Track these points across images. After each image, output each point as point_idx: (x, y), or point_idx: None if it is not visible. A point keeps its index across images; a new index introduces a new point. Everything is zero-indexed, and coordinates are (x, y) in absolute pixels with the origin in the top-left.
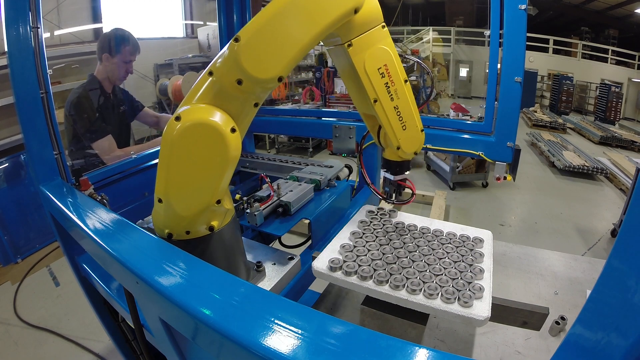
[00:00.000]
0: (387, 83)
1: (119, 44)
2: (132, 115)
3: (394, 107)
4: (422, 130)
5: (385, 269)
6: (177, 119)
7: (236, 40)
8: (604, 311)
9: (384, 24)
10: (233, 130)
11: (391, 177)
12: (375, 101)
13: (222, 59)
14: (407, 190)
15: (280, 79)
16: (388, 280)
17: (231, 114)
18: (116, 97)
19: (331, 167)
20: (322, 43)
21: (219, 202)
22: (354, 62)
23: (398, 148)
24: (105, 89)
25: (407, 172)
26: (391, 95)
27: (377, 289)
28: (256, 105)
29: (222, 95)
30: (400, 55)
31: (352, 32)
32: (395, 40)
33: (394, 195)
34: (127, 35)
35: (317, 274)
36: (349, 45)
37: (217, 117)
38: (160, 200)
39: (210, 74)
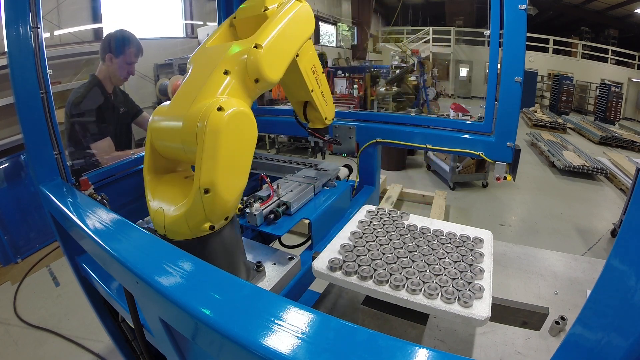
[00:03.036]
0: (316, 77)
1: (123, 45)
2: (131, 117)
3: (321, 92)
4: (333, 103)
5: (385, 269)
6: (220, 109)
7: (256, 47)
8: (604, 311)
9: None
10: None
11: (324, 138)
12: (312, 90)
13: (239, 61)
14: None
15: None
16: (388, 280)
17: (246, 103)
18: (117, 98)
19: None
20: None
21: None
22: (300, 67)
23: (325, 118)
24: (106, 89)
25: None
26: (319, 83)
27: (377, 289)
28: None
29: (241, 90)
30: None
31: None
32: (395, 40)
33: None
34: (131, 37)
35: (317, 274)
36: (297, 56)
37: (244, 105)
38: (206, 192)
39: (226, 72)
